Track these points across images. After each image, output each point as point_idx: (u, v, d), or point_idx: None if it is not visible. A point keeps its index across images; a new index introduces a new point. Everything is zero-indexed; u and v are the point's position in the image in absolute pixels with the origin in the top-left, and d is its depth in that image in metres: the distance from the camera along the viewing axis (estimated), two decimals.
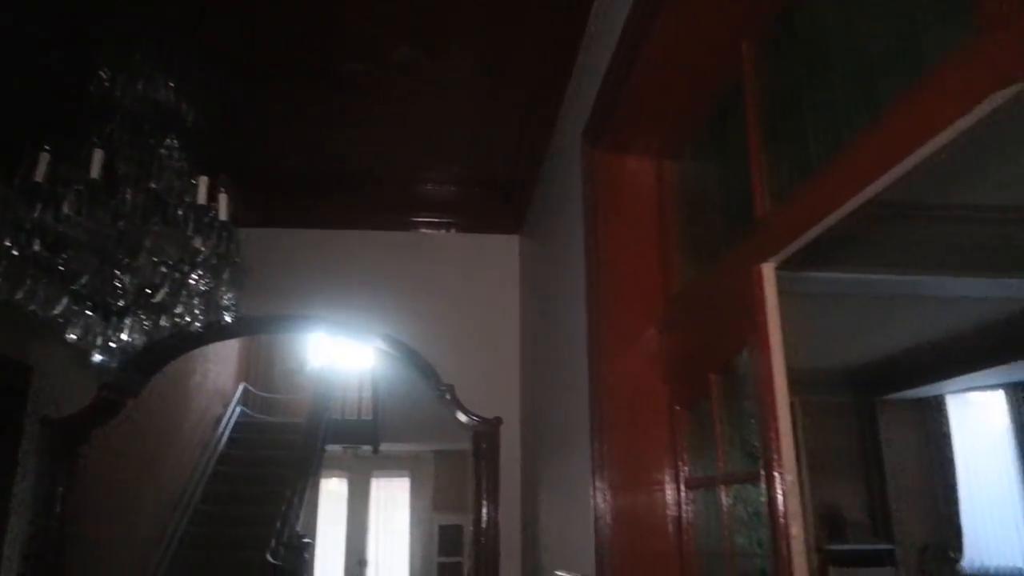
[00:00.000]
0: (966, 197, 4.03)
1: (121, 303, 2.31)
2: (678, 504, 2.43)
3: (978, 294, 5.07)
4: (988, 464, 8.70)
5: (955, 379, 8.29)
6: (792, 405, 6.19)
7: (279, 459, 7.78)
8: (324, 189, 5.16)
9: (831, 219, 1.57)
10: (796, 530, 1.69)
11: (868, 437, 9.38)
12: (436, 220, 5.43)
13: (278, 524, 6.10)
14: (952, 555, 8.76)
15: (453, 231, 5.40)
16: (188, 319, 2.43)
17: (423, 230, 5.42)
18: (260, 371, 10.01)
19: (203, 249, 2.33)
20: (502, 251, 5.35)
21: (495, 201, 5.29)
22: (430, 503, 10.34)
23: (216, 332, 4.71)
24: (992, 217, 4.14)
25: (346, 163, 4.81)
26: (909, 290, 4.94)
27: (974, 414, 9.00)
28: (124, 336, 2.27)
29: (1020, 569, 8.13)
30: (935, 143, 1.25)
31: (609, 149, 2.85)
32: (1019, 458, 8.39)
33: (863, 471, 9.32)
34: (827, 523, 9.08)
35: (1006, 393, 8.56)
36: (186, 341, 4.58)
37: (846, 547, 8.76)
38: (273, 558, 5.55)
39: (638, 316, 2.68)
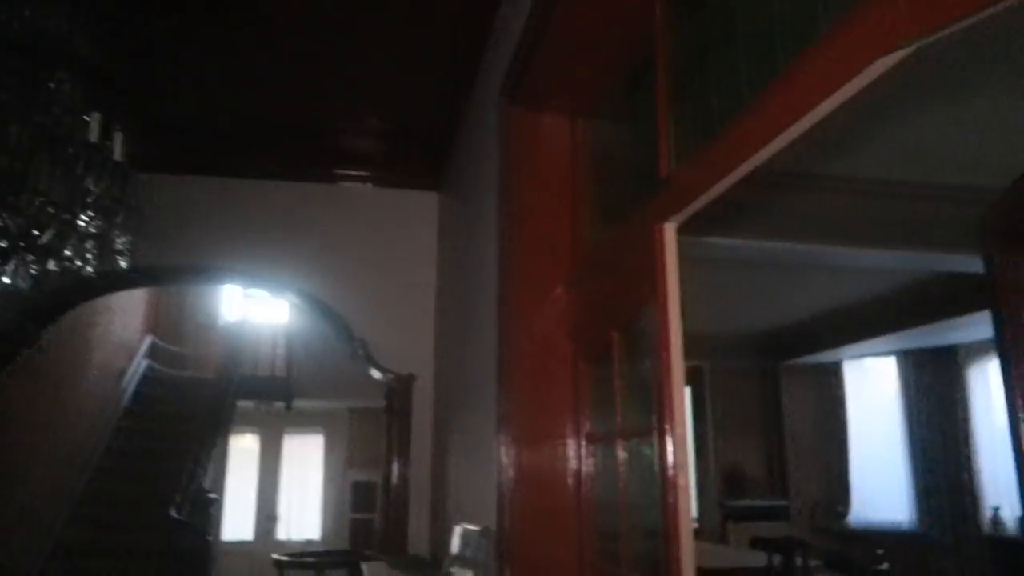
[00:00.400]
0: (858, 170, 4.24)
1: (4, 244, 2.18)
2: (578, 458, 2.49)
3: (873, 265, 5.34)
4: (877, 426, 9.26)
5: (852, 346, 8.75)
6: (701, 369, 6.46)
7: (187, 415, 7.57)
8: (239, 136, 4.96)
9: (729, 180, 1.61)
10: (684, 481, 1.75)
11: (770, 400, 9.83)
12: (354, 173, 5.32)
13: (183, 480, 5.96)
14: (840, 510, 9.34)
15: (371, 185, 5.31)
16: (79, 263, 2.31)
17: (340, 183, 5.30)
18: (169, 324, 9.65)
19: (94, 190, 2.21)
20: (420, 207, 5.29)
21: (415, 156, 5.21)
22: (344, 460, 10.29)
23: (117, 281, 4.53)
24: (883, 191, 4.37)
25: (262, 110, 4.63)
26: (809, 260, 5.16)
27: (867, 379, 9.55)
28: (6, 279, 2.14)
29: (899, 523, 8.74)
30: (824, 108, 1.29)
31: (525, 106, 2.84)
32: (905, 421, 8.96)
33: (764, 432, 9.79)
34: (729, 480, 9.52)
35: (897, 360, 9.11)
36: (83, 289, 4.36)
37: (745, 503, 9.21)
38: (177, 514, 5.44)
39: (548, 274, 2.71)
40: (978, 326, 6.78)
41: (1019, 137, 2.13)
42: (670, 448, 1.75)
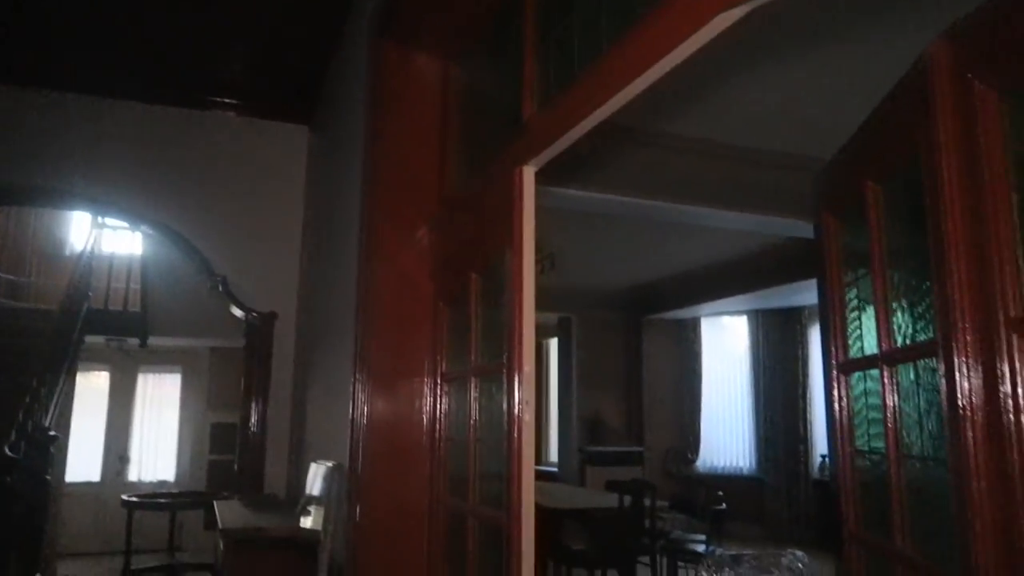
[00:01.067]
0: (702, 131, 4.45)
1: None
2: (434, 397, 2.52)
3: (720, 226, 5.64)
4: (727, 380, 9.92)
5: (708, 304, 9.27)
6: (569, 320, 6.69)
7: (26, 349, 7.01)
8: (89, 49, 4.55)
9: (585, 125, 1.64)
10: (528, 416, 1.81)
11: (632, 352, 10.28)
12: (218, 100, 5.02)
13: (19, 417, 5.57)
14: (690, 456, 9.99)
15: (236, 114, 5.04)
16: None
17: (204, 110, 4.99)
18: (6, 251, 8.89)
19: None
20: (289, 141, 5.09)
21: (285, 88, 4.98)
22: (204, 401, 9.91)
23: None
24: (727, 154, 4.62)
25: (116, 21, 4.25)
26: (662, 217, 5.36)
27: (722, 336, 10.17)
28: None
29: (740, 468, 9.47)
30: (672, 59, 1.34)
31: (397, 41, 2.77)
32: (751, 375, 9.64)
33: (625, 382, 10.25)
34: (590, 428, 9.94)
35: (748, 319, 9.73)
36: None
37: (603, 449, 9.66)
38: (12, 452, 5.08)
39: (412, 215, 2.68)
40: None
41: (844, 106, 2.29)
42: (517, 385, 1.80)
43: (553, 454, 10.41)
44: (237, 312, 4.92)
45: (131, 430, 9.74)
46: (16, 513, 4.98)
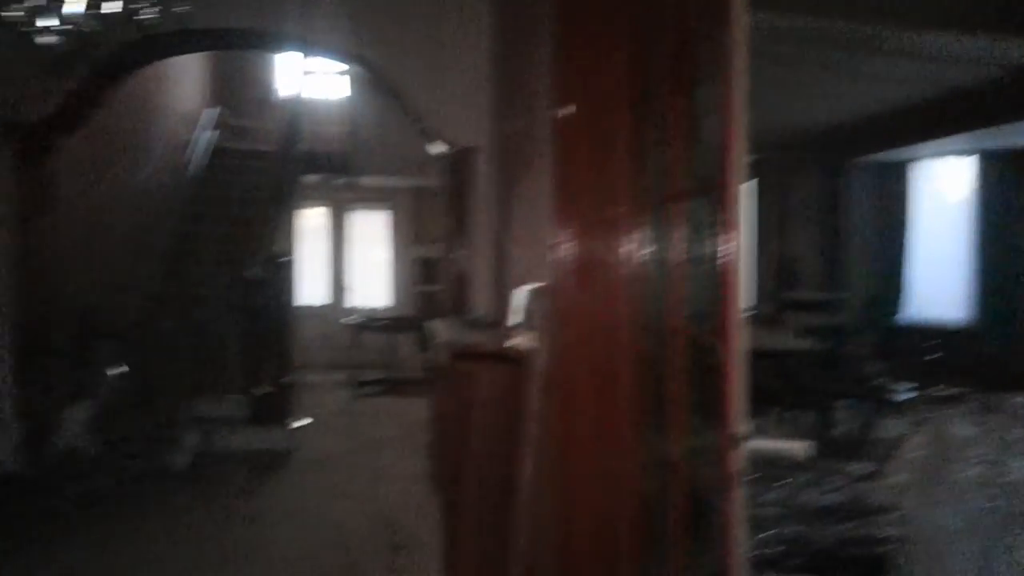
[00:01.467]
0: None
1: None
2: (633, 219, 2.52)
3: (949, 54, 4.85)
4: (940, 226, 9.05)
5: (925, 144, 8.30)
6: (765, 162, 6.17)
7: (254, 184, 7.82)
8: None
9: None
10: (741, 239, 1.77)
11: (831, 196, 9.62)
12: None
13: (258, 244, 6.30)
14: (894, 305, 9.41)
15: None
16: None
17: None
18: (230, 96, 9.70)
19: None
20: None
21: None
22: (410, 236, 10.67)
23: (173, 42, 4.54)
24: None
25: None
26: (878, 45, 4.68)
27: (935, 179, 9.18)
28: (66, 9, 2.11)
29: (951, 320, 8.82)
30: None
31: None
32: (975, 222, 8.70)
33: (823, 228, 9.69)
34: (787, 272, 9.61)
35: (979, 159, 8.65)
36: (145, 47, 4.37)
37: (801, 295, 9.34)
38: (255, 274, 5.83)
39: (609, 35, 2.59)
40: None
41: None
42: (730, 205, 1.76)
43: (748, 300, 10.23)
44: (438, 148, 5.13)
45: (348, 262, 10.76)
46: (265, 327, 5.78)
